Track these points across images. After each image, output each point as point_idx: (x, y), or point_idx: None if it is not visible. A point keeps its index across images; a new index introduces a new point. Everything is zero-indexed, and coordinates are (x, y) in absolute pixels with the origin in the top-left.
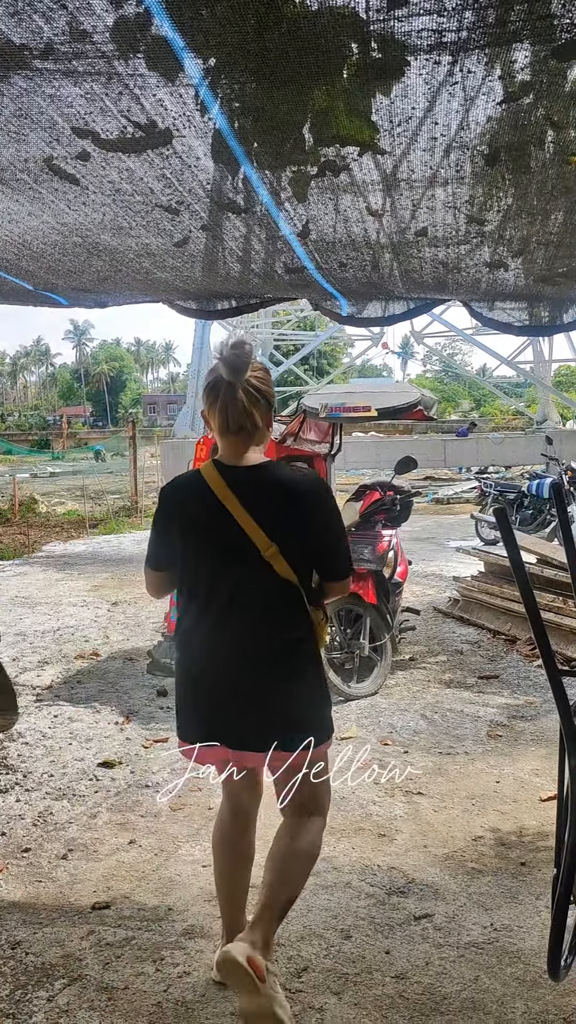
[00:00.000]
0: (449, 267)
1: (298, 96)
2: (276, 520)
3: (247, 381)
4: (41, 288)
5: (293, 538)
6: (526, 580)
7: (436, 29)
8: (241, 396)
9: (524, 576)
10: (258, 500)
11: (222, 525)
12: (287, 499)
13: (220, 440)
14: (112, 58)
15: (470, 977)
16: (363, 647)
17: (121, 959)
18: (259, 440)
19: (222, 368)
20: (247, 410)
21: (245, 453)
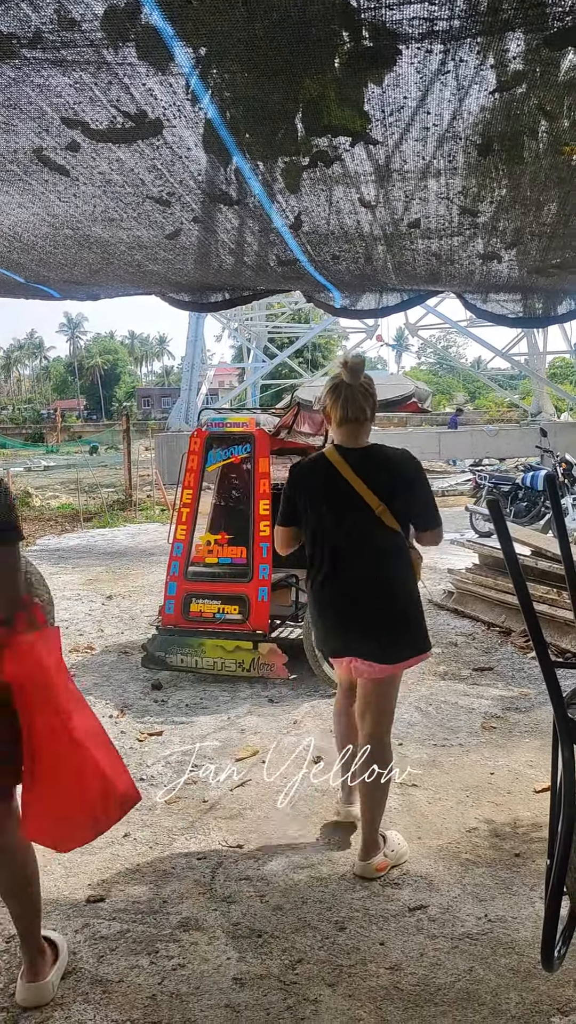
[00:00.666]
0: (442, 259)
1: (289, 85)
2: (383, 486)
3: (361, 384)
4: (32, 280)
5: (395, 499)
6: (519, 572)
7: (427, 17)
8: (357, 395)
9: (517, 568)
10: (369, 472)
11: (344, 491)
12: (390, 471)
13: (338, 429)
14: (101, 47)
15: (464, 968)
16: None
17: (115, 952)
18: (366, 429)
19: (344, 374)
20: (361, 405)
21: (357, 438)
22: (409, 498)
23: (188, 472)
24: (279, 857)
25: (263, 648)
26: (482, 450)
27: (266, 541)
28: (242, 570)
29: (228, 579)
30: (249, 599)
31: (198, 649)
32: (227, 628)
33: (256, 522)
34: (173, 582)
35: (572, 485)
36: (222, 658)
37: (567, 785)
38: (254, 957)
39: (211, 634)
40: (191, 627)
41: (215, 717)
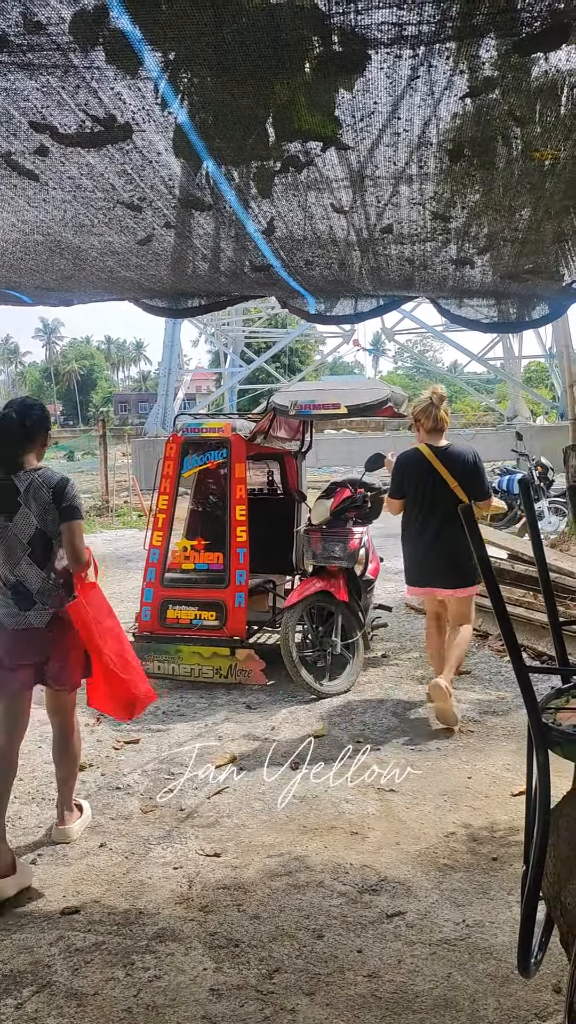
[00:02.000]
0: (416, 264)
1: (259, 90)
2: (456, 470)
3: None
4: (3, 286)
5: (463, 478)
6: (492, 576)
7: (396, 23)
8: (440, 412)
9: (490, 572)
10: (448, 461)
11: (433, 474)
12: (461, 460)
13: (427, 434)
14: (68, 51)
15: (442, 974)
16: (335, 645)
17: (90, 964)
18: (444, 434)
19: (434, 398)
20: (441, 419)
21: (438, 440)
22: (470, 479)
23: (164, 478)
24: (256, 865)
25: (240, 654)
26: None
27: (243, 547)
28: (219, 576)
29: (205, 585)
30: (226, 605)
31: (175, 656)
32: (204, 634)
33: (233, 527)
34: (149, 588)
35: (548, 488)
36: (199, 664)
37: (542, 789)
38: (231, 967)
39: (188, 640)
40: (168, 633)
41: (192, 724)
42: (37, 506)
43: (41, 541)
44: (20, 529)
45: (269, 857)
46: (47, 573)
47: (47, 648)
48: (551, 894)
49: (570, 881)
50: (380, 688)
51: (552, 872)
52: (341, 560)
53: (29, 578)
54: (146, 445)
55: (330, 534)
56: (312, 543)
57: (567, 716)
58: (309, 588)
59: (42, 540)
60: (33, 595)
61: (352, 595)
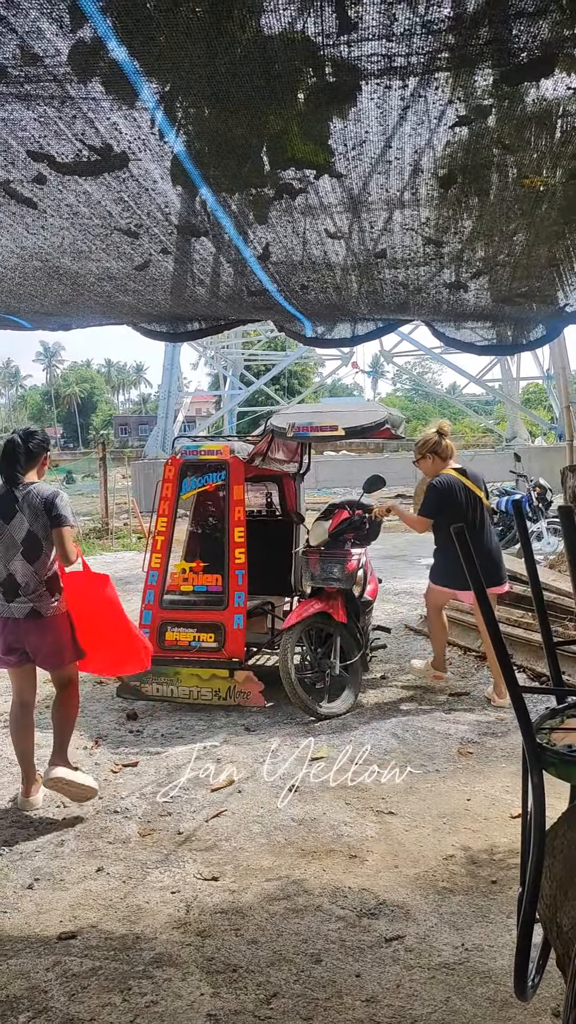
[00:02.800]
0: (410, 288)
1: (253, 119)
2: (480, 486)
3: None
4: (3, 311)
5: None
6: (486, 597)
7: (386, 54)
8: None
9: (483, 593)
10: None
11: (469, 492)
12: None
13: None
14: (65, 82)
15: (441, 999)
16: (334, 666)
17: (87, 990)
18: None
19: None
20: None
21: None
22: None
23: (163, 500)
24: (254, 889)
25: (239, 676)
26: None
27: (241, 568)
28: (217, 598)
29: (203, 607)
30: (225, 627)
31: (174, 678)
32: (203, 656)
33: (231, 549)
34: (148, 610)
35: (546, 509)
36: (198, 687)
37: (536, 810)
38: (229, 992)
39: (187, 663)
40: (166, 656)
41: (191, 747)
42: (30, 512)
43: (31, 541)
44: (15, 530)
45: (267, 881)
46: (35, 569)
47: (25, 637)
48: (547, 916)
49: (566, 903)
50: (379, 709)
51: (548, 894)
52: (339, 582)
53: (18, 572)
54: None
55: (328, 555)
56: (311, 564)
57: (562, 736)
58: (307, 609)
59: (32, 541)
60: (19, 588)
61: (351, 616)
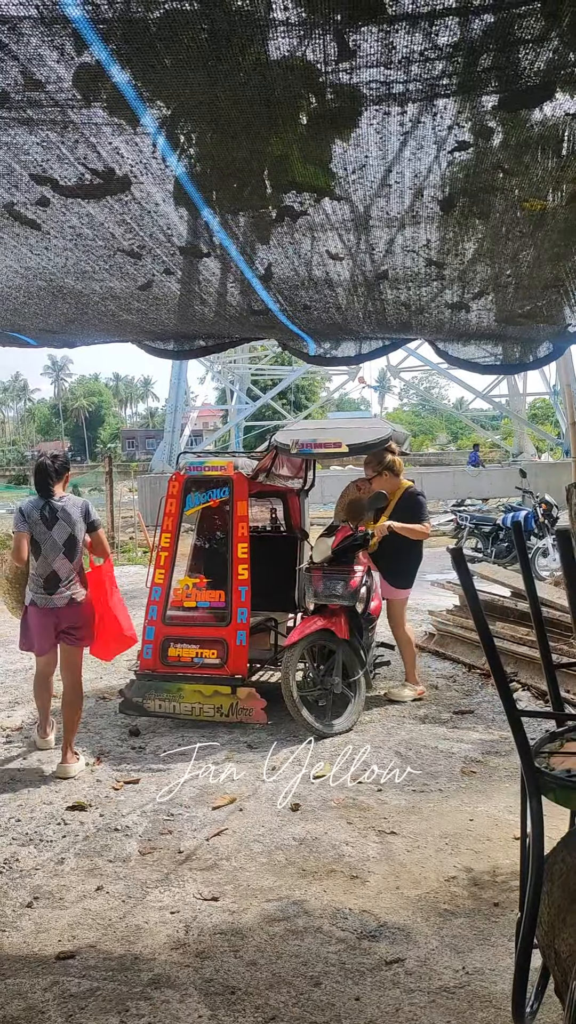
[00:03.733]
0: (412, 308)
1: (254, 144)
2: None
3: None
4: (8, 329)
5: None
6: (483, 618)
7: (384, 81)
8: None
9: (480, 613)
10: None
11: None
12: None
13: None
14: (67, 107)
15: (441, 1023)
16: (336, 683)
17: (85, 1011)
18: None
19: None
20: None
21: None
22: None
23: (166, 516)
24: (254, 910)
25: (241, 693)
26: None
27: (244, 585)
28: (221, 614)
29: (206, 623)
30: (228, 643)
31: (176, 694)
32: (205, 673)
33: (235, 565)
34: (151, 626)
35: (552, 526)
36: (200, 703)
37: (535, 836)
38: (227, 1015)
39: (189, 679)
40: (169, 672)
41: (193, 764)
42: (69, 521)
43: (71, 543)
44: (57, 535)
45: (267, 901)
46: (73, 565)
47: (63, 620)
48: (545, 942)
49: (564, 930)
50: (382, 727)
51: (546, 920)
52: (342, 599)
53: (61, 569)
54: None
55: (331, 572)
56: (313, 581)
57: (561, 761)
58: (310, 626)
59: (72, 542)
60: (60, 582)
61: (354, 633)
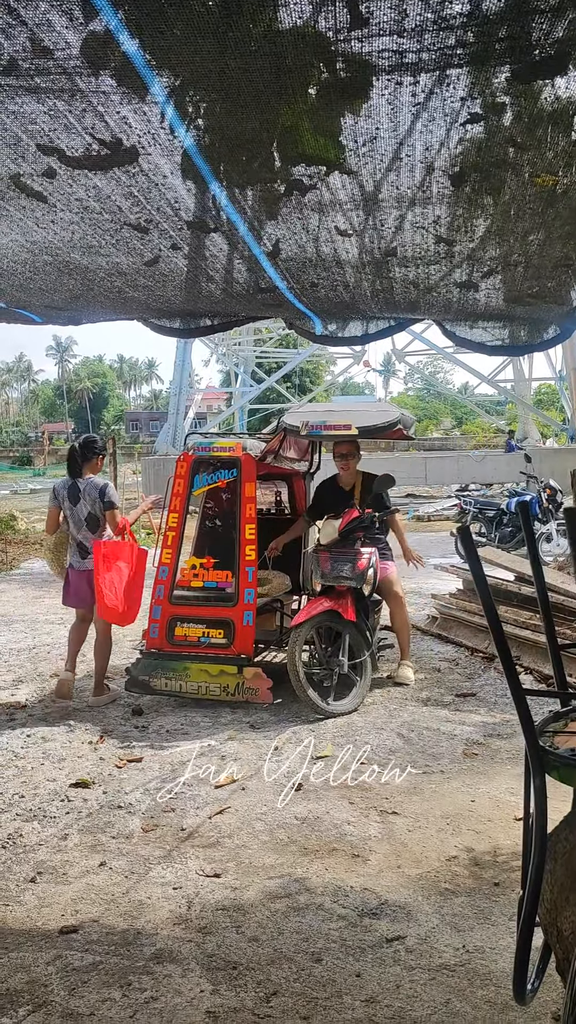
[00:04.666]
0: (420, 287)
1: (264, 115)
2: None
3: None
4: (13, 305)
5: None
6: (490, 599)
7: (397, 50)
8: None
9: (488, 594)
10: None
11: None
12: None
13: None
14: (75, 75)
15: (441, 1000)
16: (342, 664)
17: (87, 984)
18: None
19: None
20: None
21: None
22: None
23: (174, 496)
24: (256, 887)
25: (248, 672)
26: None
27: (252, 565)
28: (227, 594)
29: (213, 603)
30: (234, 623)
31: (182, 673)
32: (212, 652)
33: (242, 546)
34: (158, 606)
35: (556, 511)
36: (206, 682)
37: (539, 814)
38: (228, 990)
39: (196, 658)
40: (175, 651)
41: (196, 743)
42: (89, 499)
43: (91, 519)
44: (80, 512)
45: (269, 879)
46: (95, 536)
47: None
48: (547, 920)
49: (567, 908)
50: (385, 709)
51: (548, 898)
52: (350, 580)
53: (85, 540)
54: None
55: (339, 554)
56: (320, 562)
57: (565, 740)
58: (316, 607)
59: (91, 518)
60: (87, 551)
61: (360, 615)
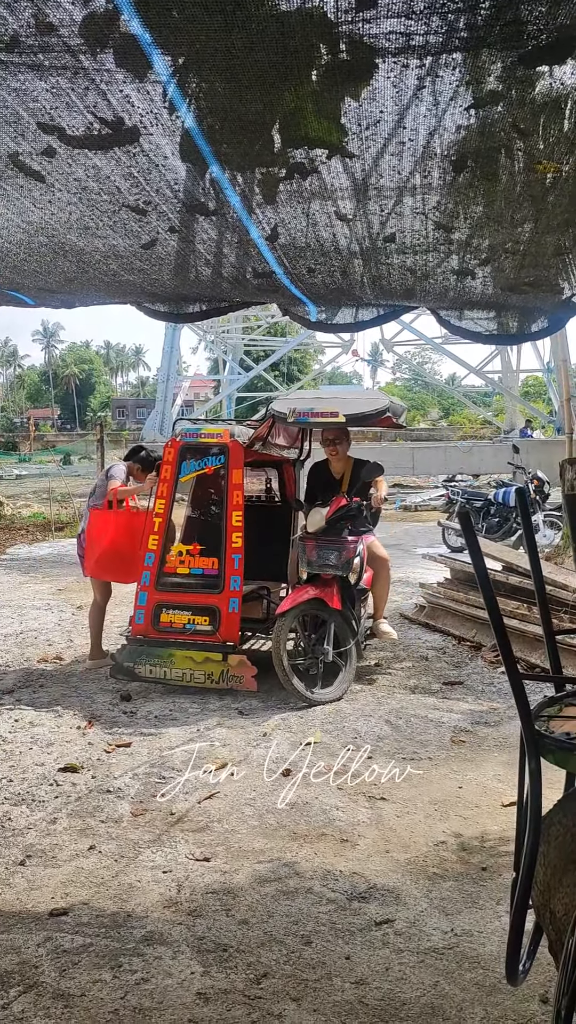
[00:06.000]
0: (417, 274)
1: (267, 96)
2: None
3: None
4: (6, 287)
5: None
6: (488, 581)
7: (404, 32)
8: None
9: (486, 577)
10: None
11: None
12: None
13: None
14: (78, 52)
15: (430, 983)
16: (327, 652)
17: (78, 966)
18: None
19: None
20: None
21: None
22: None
23: (161, 481)
24: (246, 871)
25: (232, 660)
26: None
27: (238, 552)
28: (213, 581)
29: (199, 590)
30: (220, 611)
31: (167, 660)
32: (197, 639)
33: (229, 533)
34: (144, 592)
35: (544, 502)
36: (191, 669)
37: (533, 796)
38: (219, 971)
39: (181, 645)
40: (161, 637)
41: (184, 729)
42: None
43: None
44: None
45: (259, 863)
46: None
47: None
48: (540, 902)
49: (559, 889)
50: (372, 697)
51: (541, 880)
52: (336, 568)
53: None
54: None
55: (325, 542)
56: (307, 550)
57: (560, 724)
58: (302, 595)
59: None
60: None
61: (346, 603)
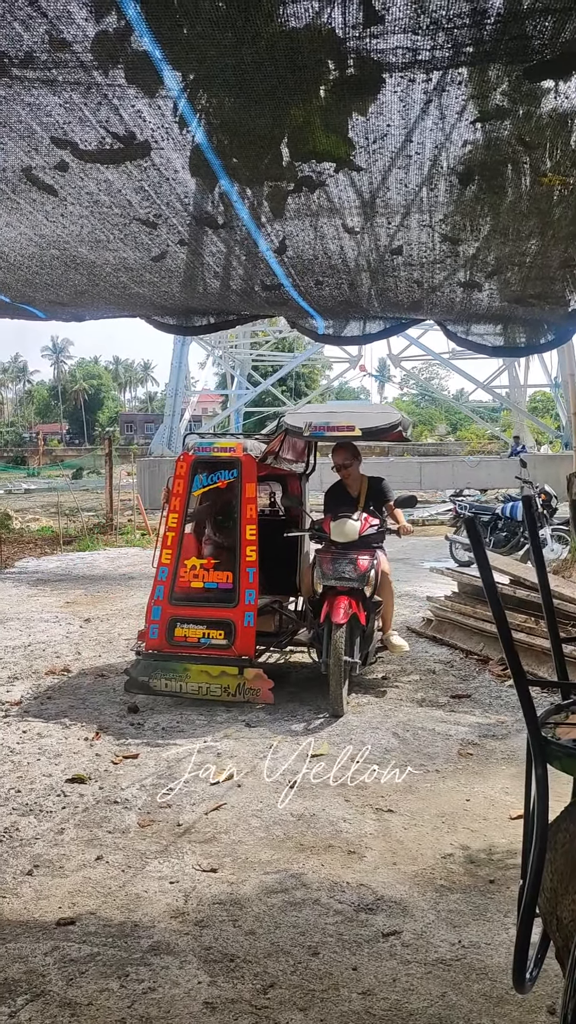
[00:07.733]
0: (424, 287)
1: (276, 111)
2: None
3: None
4: (18, 301)
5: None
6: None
7: (411, 47)
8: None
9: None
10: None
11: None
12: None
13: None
14: (91, 68)
15: (437, 993)
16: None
17: (85, 975)
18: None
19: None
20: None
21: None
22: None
23: (174, 496)
24: (253, 881)
25: (249, 673)
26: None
27: (252, 566)
28: (228, 595)
29: (214, 604)
30: (235, 624)
31: (182, 674)
32: (212, 653)
33: (243, 547)
34: (157, 606)
35: (551, 516)
36: (207, 683)
37: (540, 803)
38: (226, 981)
39: (196, 659)
40: (175, 652)
41: (192, 740)
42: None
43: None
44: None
45: (266, 874)
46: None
47: None
48: (547, 909)
49: (566, 897)
50: (380, 710)
51: (548, 887)
52: (352, 581)
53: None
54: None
55: (340, 555)
56: (322, 563)
57: (566, 731)
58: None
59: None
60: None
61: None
